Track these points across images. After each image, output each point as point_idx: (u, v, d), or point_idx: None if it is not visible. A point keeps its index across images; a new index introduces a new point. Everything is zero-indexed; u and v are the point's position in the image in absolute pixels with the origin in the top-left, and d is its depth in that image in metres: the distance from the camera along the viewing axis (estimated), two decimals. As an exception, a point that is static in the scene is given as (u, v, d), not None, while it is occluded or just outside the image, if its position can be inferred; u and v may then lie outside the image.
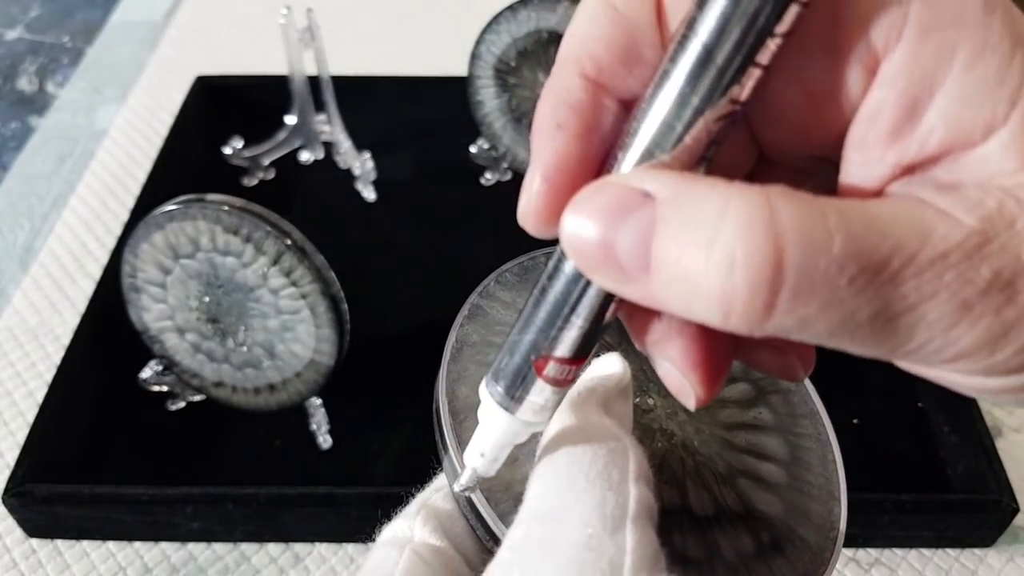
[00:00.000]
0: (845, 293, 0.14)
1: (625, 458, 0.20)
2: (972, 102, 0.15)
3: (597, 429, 0.20)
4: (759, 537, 0.24)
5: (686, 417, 0.26)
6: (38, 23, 0.93)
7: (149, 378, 0.50)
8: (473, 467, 0.21)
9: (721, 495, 0.25)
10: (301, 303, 0.45)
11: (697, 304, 0.14)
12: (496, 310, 0.27)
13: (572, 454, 0.20)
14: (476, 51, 0.60)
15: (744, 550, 0.24)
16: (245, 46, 0.80)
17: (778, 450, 0.27)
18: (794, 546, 0.25)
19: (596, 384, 0.22)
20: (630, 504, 0.19)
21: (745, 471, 0.25)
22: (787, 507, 0.25)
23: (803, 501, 0.26)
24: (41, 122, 0.76)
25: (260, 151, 0.65)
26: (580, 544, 0.18)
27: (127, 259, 0.47)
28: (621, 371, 0.22)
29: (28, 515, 0.45)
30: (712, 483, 0.25)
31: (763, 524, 0.25)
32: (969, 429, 0.47)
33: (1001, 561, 0.46)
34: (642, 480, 0.19)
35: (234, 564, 0.45)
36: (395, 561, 0.24)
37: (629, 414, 0.22)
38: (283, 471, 0.49)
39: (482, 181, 0.65)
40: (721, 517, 0.24)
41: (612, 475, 0.19)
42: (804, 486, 0.26)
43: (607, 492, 0.19)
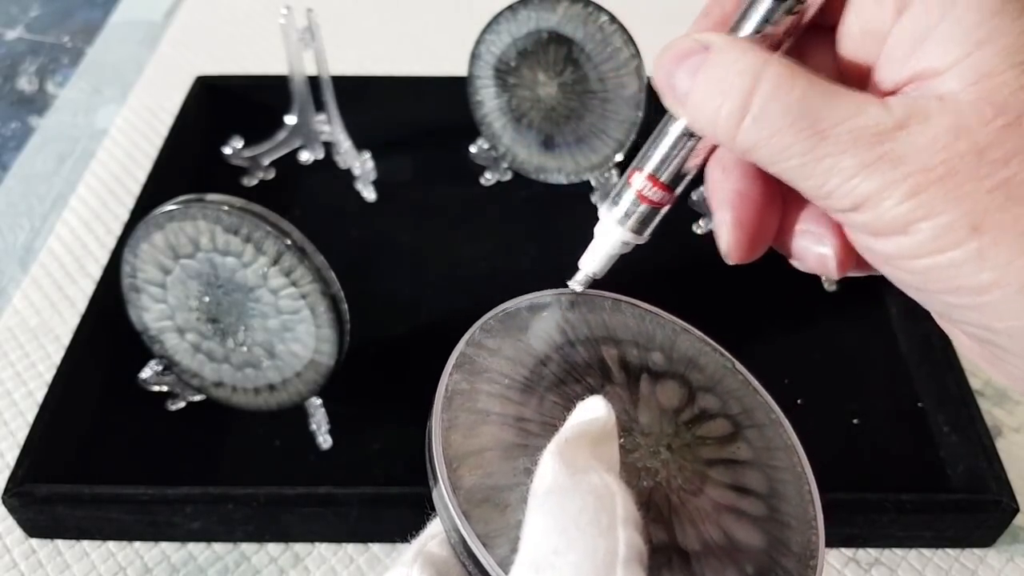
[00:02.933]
0: (788, 130, 0.20)
1: (613, 503, 0.21)
2: (949, 44, 0.20)
3: (585, 475, 0.21)
4: (743, 569, 0.25)
5: (668, 455, 0.27)
6: (38, 23, 0.93)
7: (149, 378, 0.50)
8: (586, 272, 0.29)
9: (706, 530, 0.25)
10: (301, 303, 0.45)
11: (704, 120, 0.22)
12: (483, 357, 0.28)
13: (562, 502, 0.21)
14: (476, 51, 0.60)
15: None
16: (245, 46, 0.80)
17: (757, 484, 0.27)
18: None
19: (582, 429, 0.23)
20: (620, 549, 0.20)
21: (727, 506, 0.26)
22: (768, 539, 0.26)
23: (783, 532, 0.26)
24: (41, 122, 0.76)
25: (260, 151, 0.65)
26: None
27: (127, 259, 0.47)
28: (605, 414, 0.23)
29: (28, 515, 0.45)
30: (696, 518, 0.25)
31: (746, 556, 0.25)
32: (969, 429, 0.47)
33: (1001, 561, 0.46)
34: (630, 524, 0.20)
35: (234, 564, 0.45)
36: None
37: (615, 456, 0.23)
38: (283, 471, 0.49)
39: (482, 181, 0.65)
40: (707, 552, 0.25)
41: (601, 521, 0.20)
42: (783, 517, 0.27)
43: (597, 539, 0.20)
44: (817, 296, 0.57)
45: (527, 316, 0.30)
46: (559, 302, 0.31)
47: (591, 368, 0.28)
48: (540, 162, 0.63)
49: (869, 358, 0.54)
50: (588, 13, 0.57)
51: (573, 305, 0.31)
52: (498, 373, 0.27)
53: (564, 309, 0.30)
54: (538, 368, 0.28)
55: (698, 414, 0.28)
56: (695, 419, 0.28)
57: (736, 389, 0.30)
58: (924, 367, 0.52)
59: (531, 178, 0.64)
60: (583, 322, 0.30)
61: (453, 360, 0.28)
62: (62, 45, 0.89)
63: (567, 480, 0.21)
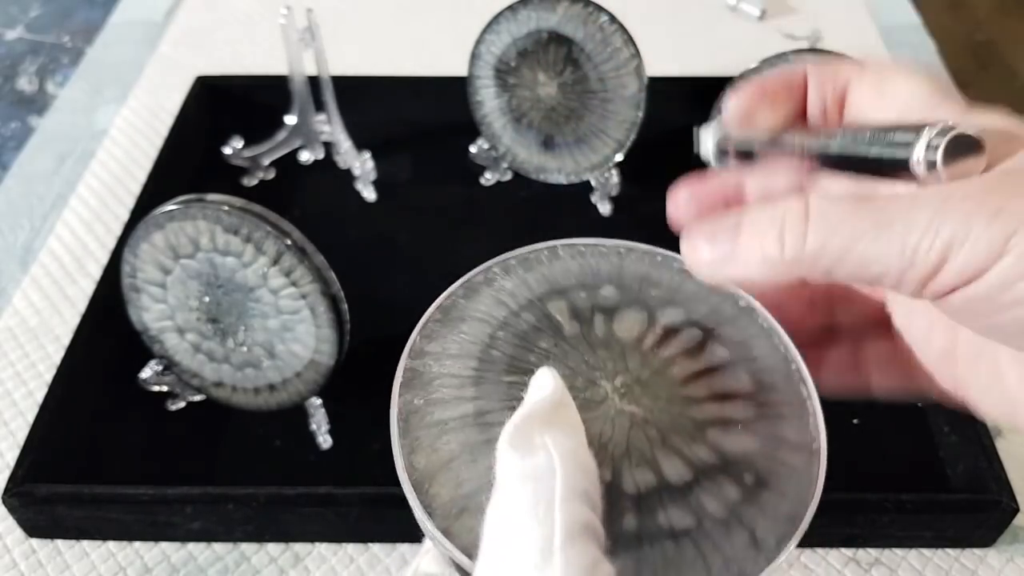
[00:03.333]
0: (851, 212, 0.22)
1: (551, 484, 0.20)
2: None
3: (532, 459, 0.21)
4: (742, 480, 0.24)
5: (640, 391, 0.26)
6: (38, 23, 0.93)
7: (149, 378, 0.50)
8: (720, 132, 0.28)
9: (694, 455, 0.24)
10: (301, 303, 0.45)
11: (764, 252, 0.23)
12: (428, 366, 0.27)
13: (502, 499, 0.21)
14: (476, 51, 0.60)
15: (731, 499, 0.24)
16: (245, 46, 0.80)
17: (740, 383, 0.26)
18: (779, 475, 0.24)
19: (531, 408, 0.22)
20: (556, 533, 0.19)
21: (712, 420, 0.25)
22: (763, 439, 0.25)
23: (777, 426, 0.25)
24: (41, 122, 0.76)
25: (260, 151, 0.65)
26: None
27: (127, 259, 0.47)
28: (552, 385, 0.23)
29: (28, 515, 0.45)
30: (682, 447, 0.25)
31: (743, 466, 0.24)
32: (969, 429, 0.47)
33: (1001, 561, 0.46)
34: (569, 501, 0.20)
35: (234, 564, 0.45)
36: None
37: (575, 419, 0.23)
38: (283, 471, 0.49)
39: (482, 181, 0.65)
40: (700, 477, 0.24)
41: (538, 509, 0.20)
42: (774, 409, 0.26)
43: (533, 529, 0.19)
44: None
45: (464, 304, 0.29)
46: (490, 275, 0.29)
47: (540, 331, 0.27)
48: (540, 162, 0.63)
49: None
50: (588, 13, 0.57)
51: (508, 271, 0.29)
52: (448, 376, 0.27)
53: (500, 279, 0.29)
54: (487, 354, 0.27)
55: (663, 334, 0.27)
56: (661, 340, 0.27)
57: (697, 290, 0.29)
58: (924, 367, 0.52)
59: (531, 178, 0.64)
60: (522, 285, 0.29)
61: (399, 380, 0.27)
62: (62, 45, 0.89)
63: (515, 469, 0.21)
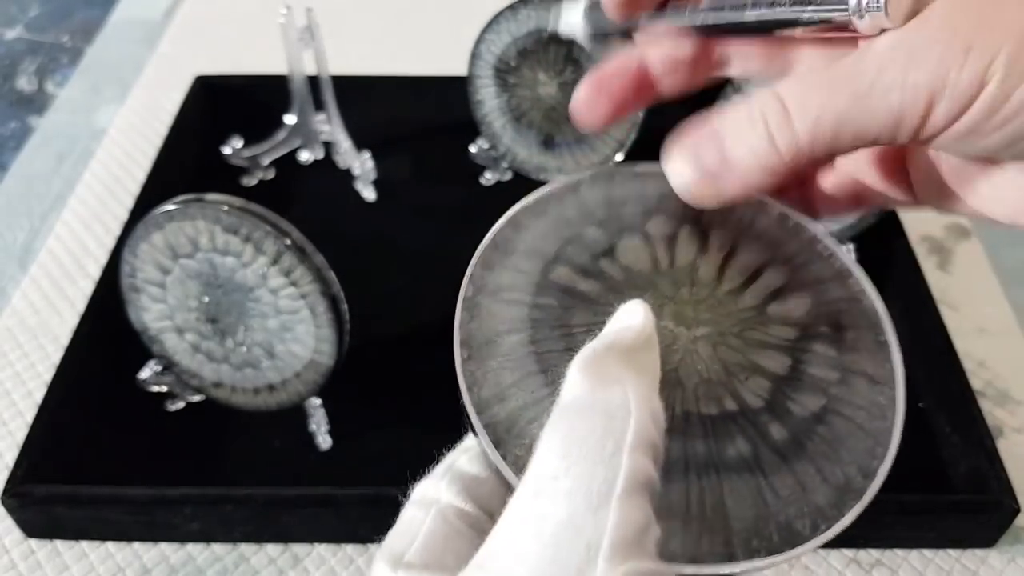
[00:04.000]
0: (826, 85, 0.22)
1: (624, 426, 0.19)
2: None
3: (607, 391, 0.20)
4: (822, 396, 0.24)
5: (708, 315, 0.25)
6: (37, 23, 0.93)
7: (148, 378, 0.50)
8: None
9: (774, 360, 0.25)
10: (300, 303, 0.45)
11: (756, 147, 0.23)
12: (483, 300, 0.27)
13: (573, 422, 0.19)
14: (476, 50, 0.60)
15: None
16: (245, 46, 0.80)
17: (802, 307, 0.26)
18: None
19: (614, 339, 0.21)
20: (619, 479, 0.18)
21: (788, 342, 0.25)
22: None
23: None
24: (40, 122, 0.76)
25: (259, 151, 0.65)
26: (562, 522, 0.18)
27: (126, 259, 0.47)
28: (643, 319, 0.21)
29: (27, 515, 0.45)
30: (766, 338, 0.25)
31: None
32: (970, 429, 0.47)
33: (1003, 562, 0.46)
34: (639, 449, 0.19)
35: (233, 565, 0.45)
36: (421, 521, 0.24)
37: (655, 364, 0.22)
38: (282, 472, 0.49)
39: (482, 181, 0.65)
40: (790, 377, 0.24)
41: (606, 446, 0.19)
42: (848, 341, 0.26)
43: (596, 466, 0.18)
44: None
45: (527, 229, 0.28)
46: (551, 198, 0.29)
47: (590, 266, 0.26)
48: (540, 162, 0.63)
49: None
50: (588, 12, 0.56)
51: (576, 188, 0.29)
52: (504, 303, 0.26)
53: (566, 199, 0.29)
54: (544, 279, 0.27)
55: (721, 262, 0.27)
56: (720, 268, 0.27)
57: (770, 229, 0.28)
58: (925, 367, 0.52)
59: (531, 178, 0.64)
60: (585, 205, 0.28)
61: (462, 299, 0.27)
62: (61, 44, 0.89)
63: (586, 396, 0.20)
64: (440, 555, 0.23)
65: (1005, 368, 0.54)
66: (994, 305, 0.58)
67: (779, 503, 0.22)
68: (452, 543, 0.23)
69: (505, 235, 0.28)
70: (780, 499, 0.22)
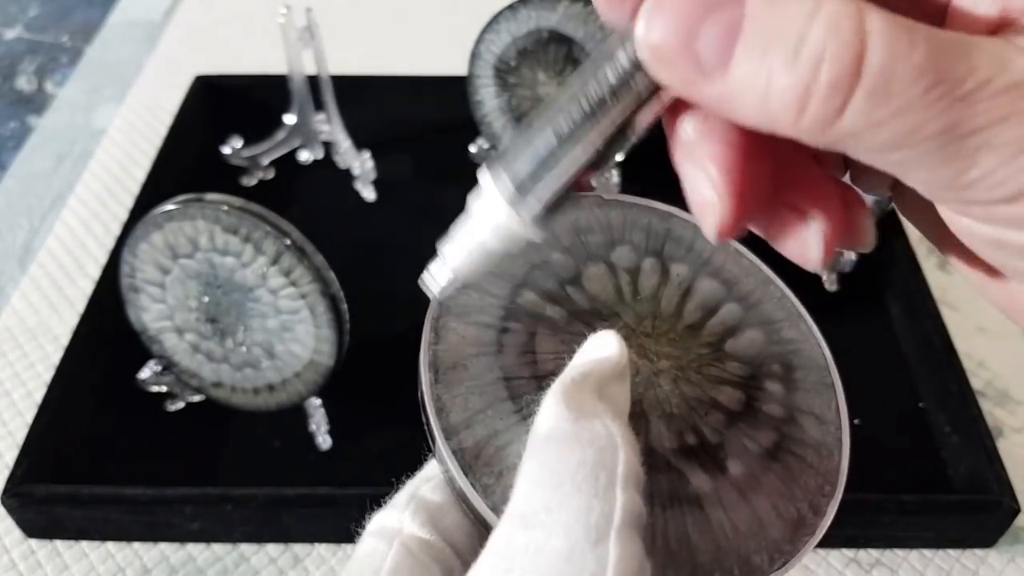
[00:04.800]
0: (919, 102, 0.14)
1: (615, 459, 0.19)
2: None
3: (589, 423, 0.19)
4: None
5: (669, 349, 0.25)
6: (37, 22, 0.93)
7: (148, 378, 0.50)
8: (454, 269, 0.20)
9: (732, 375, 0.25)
10: (300, 303, 0.45)
11: (774, 102, 0.15)
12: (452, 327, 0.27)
13: (561, 453, 0.19)
14: (476, 50, 0.60)
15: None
16: (244, 45, 0.80)
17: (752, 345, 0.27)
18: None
19: (591, 368, 0.20)
20: (616, 513, 0.18)
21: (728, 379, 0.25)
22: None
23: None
24: (40, 122, 0.76)
25: (259, 151, 0.65)
26: (562, 556, 0.17)
27: (126, 259, 0.47)
28: (618, 352, 0.21)
29: (27, 515, 0.45)
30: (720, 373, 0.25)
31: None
32: (970, 429, 0.47)
33: (1002, 562, 0.46)
34: (631, 484, 0.19)
35: (233, 565, 0.45)
36: (383, 554, 0.23)
37: (626, 397, 0.21)
38: (282, 472, 0.49)
39: (482, 181, 0.65)
40: (745, 414, 0.25)
41: (600, 479, 0.18)
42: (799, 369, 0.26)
43: (592, 499, 0.18)
44: (817, 296, 0.57)
45: None
46: None
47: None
48: (540, 162, 0.63)
49: (869, 358, 0.54)
50: (588, 12, 0.56)
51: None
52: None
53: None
54: (512, 302, 0.26)
55: (682, 292, 0.27)
56: (681, 298, 0.27)
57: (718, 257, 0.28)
58: (925, 367, 0.52)
59: (531, 178, 0.64)
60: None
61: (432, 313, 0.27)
62: (61, 44, 0.89)
63: (567, 427, 0.19)
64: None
65: (1005, 368, 0.54)
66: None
67: (739, 537, 0.22)
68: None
69: None
70: (740, 533, 0.22)
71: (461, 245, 0.20)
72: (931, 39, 0.14)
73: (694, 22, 0.15)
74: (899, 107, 0.14)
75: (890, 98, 0.14)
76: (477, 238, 0.20)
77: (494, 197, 0.19)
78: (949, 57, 0.14)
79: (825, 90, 0.14)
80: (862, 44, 0.14)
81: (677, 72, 0.16)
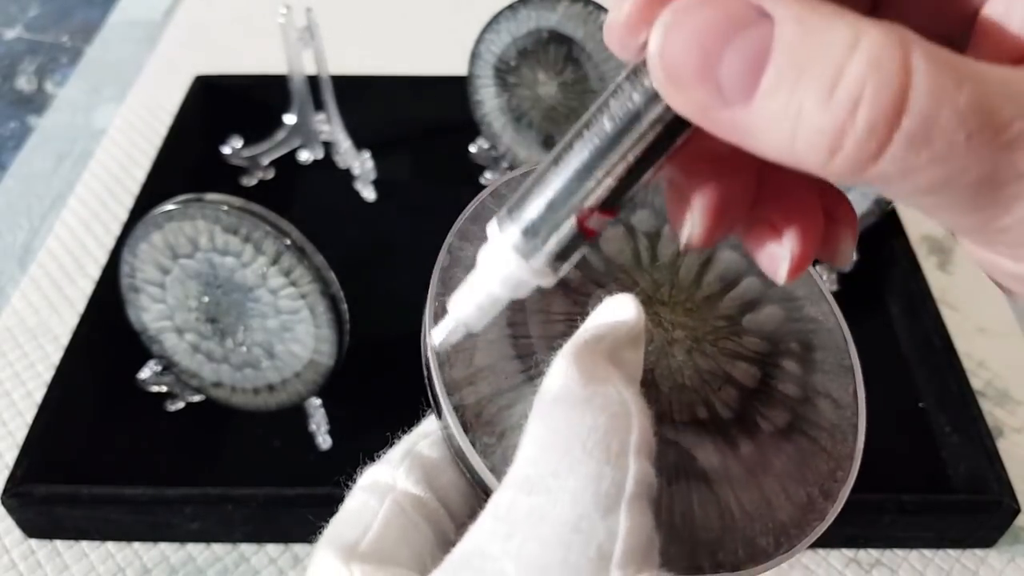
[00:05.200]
0: (960, 148, 0.13)
1: (628, 426, 0.18)
2: None
3: (601, 388, 0.18)
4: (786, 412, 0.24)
5: (685, 319, 0.24)
6: (37, 22, 0.93)
7: (148, 378, 0.50)
8: (462, 317, 0.20)
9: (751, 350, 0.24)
10: (300, 303, 0.45)
11: (802, 140, 0.14)
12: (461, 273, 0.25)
13: (571, 417, 0.18)
14: (476, 50, 0.60)
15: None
16: (244, 45, 0.80)
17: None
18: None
19: (605, 331, 0.19)
20: (628, 482, 0.17)
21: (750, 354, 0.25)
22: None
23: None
24: (40, 122, 0.76)
25: (259, 151, 0.65)
26: (568, 524, 0.16)
27: (126, 259, 0.47)
28: (635, 316, 0.20)
29: (27, 515, 0.45)
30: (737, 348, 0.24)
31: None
32: (970, 429, 0.47)
33: (1002, 562, 0.46)
34: (643, 453, 0.18)
35: (233, 565, 0.45)
36: (375, 510, 0.22)
37: (639, 363, 0.20)
38: (282, 472, 0.49)
39: (482, 181, 0.65)
40: (759, 391, 0.24)
41: (611, 446, 0.17)
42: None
43: (604, 466, 0.17)
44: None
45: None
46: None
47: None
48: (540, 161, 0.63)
49: (869, 358, 0.54)
50: (588, 12, 0.56)
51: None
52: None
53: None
54: None
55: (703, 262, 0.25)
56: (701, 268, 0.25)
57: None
58: (925, 367, 0.52)
59: (531, 178, 0.64)
60: None
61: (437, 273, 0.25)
62: (61, 44, 0.89)
63: (579, 390, 0.18)
64: (395, 548, 0.21)
65: (1005, 368, 0.54)
66: (994, 305, 0.58)
67: (745, 517, 0.22)
68: (408, 535, 0.21)
69: (487, 207, 0.26)
70: (746, 513, 0.22)
71: (470, 297, 0.19)
72: (976, 78, 0.13)
73: (717, 43, 0.14)
74: (939, 154, 0.13)
75: (931, 144, 0.13)
76: (487, 288, 0.19)
77: (501, 246, 0.18)
78: (994, 99, 0.13)
79: (862, 134, 0.13)
80: (906, 84, 0.13)
81: (693, 98, 0.15)
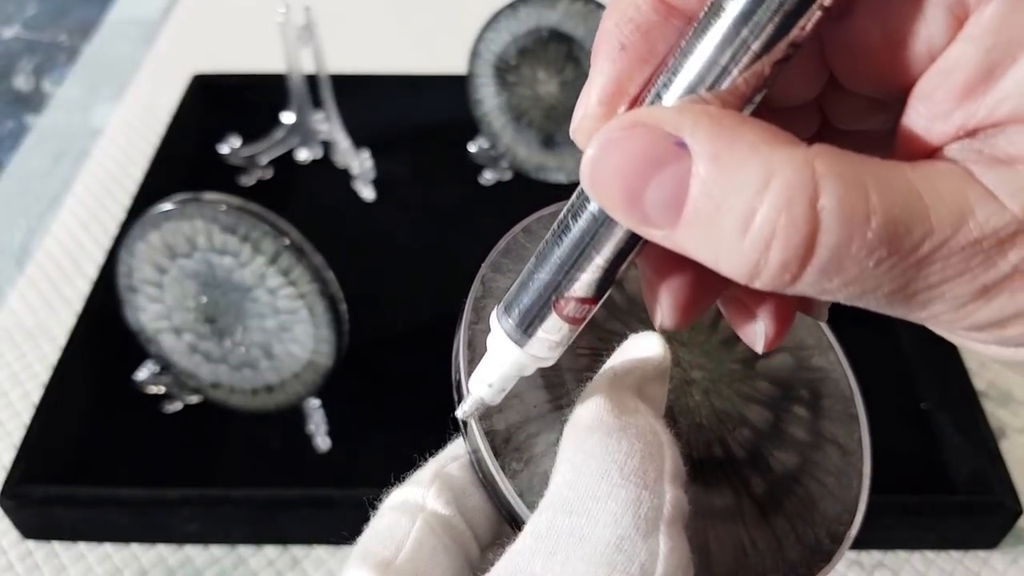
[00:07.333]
0: (870, 273, 0.14)
1: (661, 455, 0.19)
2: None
3: (633, 418, 0.19)
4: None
5: (703, 360, 0.25)
6: (34, 21, 0.92)
7: (146, 379, 0.50)
8: (479, 395, 0.21)
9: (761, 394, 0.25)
10: (299, 303, 0.45)
11: (725, 263, 0.15)
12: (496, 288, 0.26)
13: (607, 444, 0.19)
14: (476, 49, 0.60)
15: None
16: (242, 44, 0.80)
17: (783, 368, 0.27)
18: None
19: (633, 366, 0.21)
20: (665, 507, 0.18)
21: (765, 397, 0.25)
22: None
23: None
24: (37, 121, 0.75)
25: (258, 150, 0.65)
26: (611, 544, 0.17)
27: (123, 259, 0.47)
28: (661, 353, 0.21)
29: (24, 517, 0.45)
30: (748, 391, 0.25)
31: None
32: (973, 431, 0.46)
33: (1005, 563, 0.45)
34: (677, 481, 0.19)
35: (231, 566, 0.45)
36: (407, 530, 0.22)
37: (663, 398, 0.21)
38: (281, 473, 0.48)
39: (481, 180, 0.65)
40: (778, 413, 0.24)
41: (648, 473, 0.18)
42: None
43: (642, 491, 0.18)
44: (819, 296, 0.57)
45: (527, 245, 0.27)
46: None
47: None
48: (540, 161, 0.63)
49: (871, 359, 0.54)
50: (588, 11, 0.56)
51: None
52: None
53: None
54: None
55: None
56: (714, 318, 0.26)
57: None
58: (927, 368, 0.52)
59: (531, 177, 0.64)
60: None
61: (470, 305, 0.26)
62: (58, 43, 0.89)
63: (612, 420, 0.19)
64: (428, 566, 0.21)
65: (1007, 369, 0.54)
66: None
67: (757, 555, 0.22)
68: (439, 555, 0.22)
69: (519, 241, 0.27)
70: (758, 551, 0.22)
71: (484, 378, 0.21)
72: (888, 198, 0.14)
73: (639, 181, 0.15)
74: (851, 278, 0.14)
75: (843, 272, 0.14)
76: (496, 372, 0.21)
77: (499, 337, 0.20)
78: (906, 220, 0.14)
79: (775, 269, 0.14)
80: (814, 224, 0.14)
81: (627, 221, 0.16)
